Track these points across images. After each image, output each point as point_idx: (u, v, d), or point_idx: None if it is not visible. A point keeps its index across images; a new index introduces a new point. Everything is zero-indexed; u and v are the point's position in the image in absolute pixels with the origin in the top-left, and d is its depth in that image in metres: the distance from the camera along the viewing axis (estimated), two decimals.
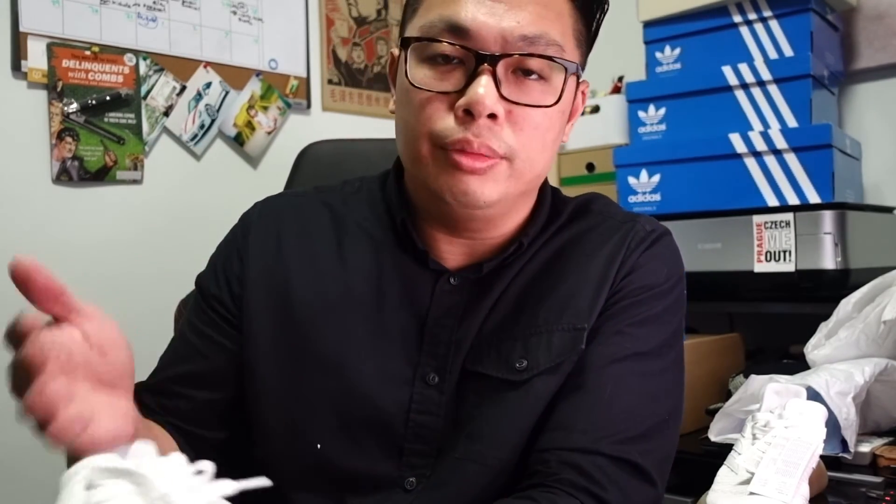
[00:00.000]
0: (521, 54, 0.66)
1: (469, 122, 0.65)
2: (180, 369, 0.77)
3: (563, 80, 0.68)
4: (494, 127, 0.66)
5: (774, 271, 1.40)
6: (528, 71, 0.67)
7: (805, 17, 1.51)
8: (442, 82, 0.67)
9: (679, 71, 1.65)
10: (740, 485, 0.89)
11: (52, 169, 1.57)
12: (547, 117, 0.68)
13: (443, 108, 0.67)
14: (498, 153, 0.66)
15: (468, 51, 0.65)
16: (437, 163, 0.68)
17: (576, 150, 1.90)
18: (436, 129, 0.67)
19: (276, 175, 1.38)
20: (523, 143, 0.67)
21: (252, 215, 0.82)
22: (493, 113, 0.65)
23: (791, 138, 1.44)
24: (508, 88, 0.66)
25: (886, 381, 1.14)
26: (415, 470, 0.72)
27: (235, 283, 0.77)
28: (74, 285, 1.74)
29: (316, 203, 0.81)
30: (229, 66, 1.85)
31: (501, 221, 0.74)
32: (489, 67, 0.65)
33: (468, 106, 0.64)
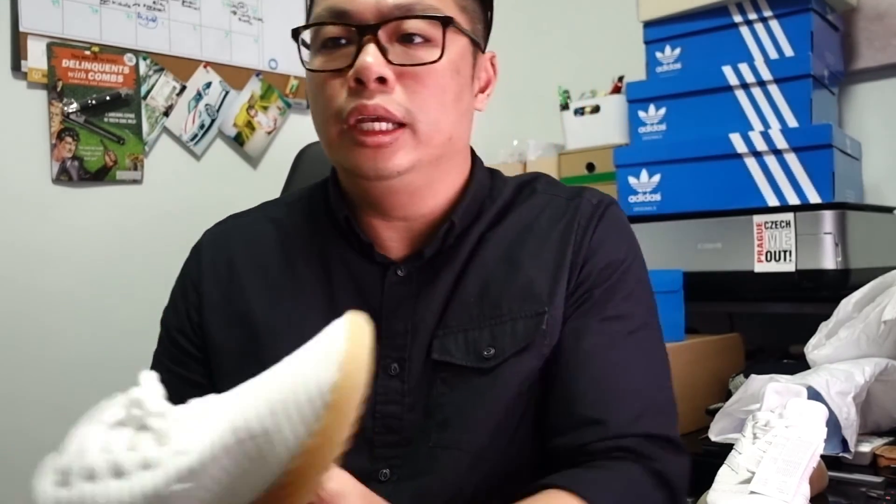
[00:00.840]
0: (398, 18, 0.69)
1: (361, 90, 0.68)
2: None
3: (442, 35, 0.70)
4: (386, 90, 0.69)
5: (774, 271, 1.40)
6: (410, 36, 0.70)
7: (805, 17, 1.52)
8: (334, 62, 0.71)
9: (679, 71, 1.65)
10: (741, 484, 0.89)
11: (51, 169, 1.57)
12: (438, 75, 0.71)
13: (338, 86, 0.70)
14: (396, 116, 0.69)
15: (349, 26, 0.69)
16: (344, 143, 0.71)
17: (576, 150, 1.90)
18: (336, 107, 0.70)
19: (276, 175, 1.38)
20: (419, 105, 0.70)
21: (202, 245, 0.84)
22: (382, 76, 0.68)
23: (791, 138, 1.44)
24: (394, 54, 0.69)
25: (887, 381, 1.14)
26: (387, 461, 0.73)
27: (194, 312, 0.79)
28: (74, 285, 1.74)
29: (261, 220, 0.84)
30: (229, 66, 1.85)
31: (426, 193, 0.76)
32: (372, 37, 0.68)
33: (357, 74, 0.68)
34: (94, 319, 1.61)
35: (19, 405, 1.51)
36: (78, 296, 1.60)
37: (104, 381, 1.58)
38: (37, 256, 1.55)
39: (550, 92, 2.07)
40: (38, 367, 1.54)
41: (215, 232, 0.85)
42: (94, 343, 1.60)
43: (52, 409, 1.55)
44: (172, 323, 0.81)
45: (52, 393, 1.55)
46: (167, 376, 0.76)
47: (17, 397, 1.51)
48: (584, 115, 1.89)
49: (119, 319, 1.63)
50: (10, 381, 1.51)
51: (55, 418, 1.55)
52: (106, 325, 1.62)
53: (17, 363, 1.52)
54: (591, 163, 1.85)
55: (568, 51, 2.27)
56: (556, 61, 2.30)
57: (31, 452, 1.61)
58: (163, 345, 0.82)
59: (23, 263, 1.53)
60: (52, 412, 1.55)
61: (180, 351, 0.80)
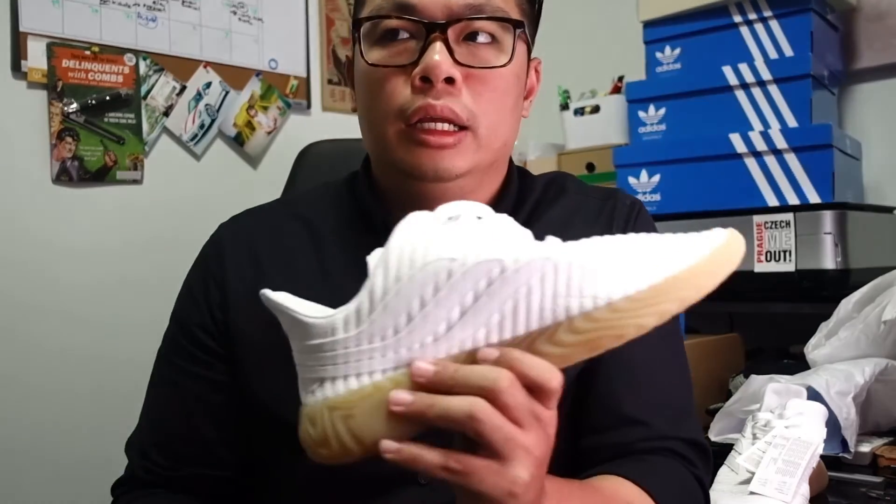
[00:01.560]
0: (469, 18, 0.67)
1: (428, 88, 0.66)
2: (178, 426, 0.76)
3: (512, 40, 0.69)
4: (454, 91, 0.66)
5: (774, 271, 1.40)
6: (478, 36, 0.68)
7: (805, 17, 1.52)
8: (397, 57, 0.68)
9: (679, 71, 1.65)
10: (740, 484, 0.89)
11: (52, 169, 1.57)
12: (503, 80, 0.69)
13: (400, 83, 0.67)
14: (461, 118, 0.67)
15: (417, 22, 0.66)
16: (403, 142, 0.68)
17: (576, 150, 1.90)
18: (397, 105, 0.67)
19: (276, 175, 1.38)
20: (483, 109, 0.68)
21: (223, 239, 0.80)
22: (450, 76, 0.65)
23: (791, 138, 1.44)
24: (461, 54, 0.67)
25: (886, 381, 1.14)
26: None
27: (217, 310, 0.75)
28: (74, 285, 1.74)
29: (286, 217, 0.80)
30: (229, 66, 1.85)
31: (472, 196, 0.74)
32: (440, 35, 0.66)
33: (424, 72, 0.65)
34: (94, 319, 1.61)
35: (19, 404, 1.51)
36: (78, 295, 1.60)
37: (104, 381, 1.59)
38: (37, 256, 1.55)
39: (550, 92, 2.07)
40: (38, 366, 1.54)
41: (235, 227, 0.81)
42: (94, 343, 1.60)
43: (51, 408, 1.55)
44: (194, 320, 0.76)
45: (52, 393, 1.55)
46: (181, 378, 0.76)
47: (17, 397, 1.51)
48: (584, 115, 1.89)
49: (119, 319, 1.63)
50: (10, 380, 1.51)
51: (55, 417, 1.55)
52: (106, 325, 1.62)
53: (16, 363, 1.52)
54: (590, 163, 1.85)
55: (568, 51, 2.27)
56: (556, 61, 2.30)
57: (30, 448, 1.61)
58: (177, 345, 0.77)
59: (23, 263, 1.53)
60: (51, 411, 1.55)
61: (202, 349, 0.76)
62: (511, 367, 0.46)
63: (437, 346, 0.47)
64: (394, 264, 0.48)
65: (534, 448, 0.47)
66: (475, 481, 0.46)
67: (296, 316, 0.49)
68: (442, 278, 0.47)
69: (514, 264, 0.47)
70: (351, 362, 0.48)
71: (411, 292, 0.47)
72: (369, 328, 0.47)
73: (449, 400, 0.46)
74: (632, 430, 0.71)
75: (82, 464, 1.53)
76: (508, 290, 0.47)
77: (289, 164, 1.35)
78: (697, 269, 0.49)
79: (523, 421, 0.47)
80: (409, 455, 0.47)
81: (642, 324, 0.48)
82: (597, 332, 0.47)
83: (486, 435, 0.45)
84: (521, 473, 0.46)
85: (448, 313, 0.47)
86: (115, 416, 0.81)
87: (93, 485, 0.81)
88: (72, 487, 1.52)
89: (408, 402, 0.46)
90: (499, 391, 0.45)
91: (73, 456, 1.55)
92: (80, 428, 1.57)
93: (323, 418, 0.48)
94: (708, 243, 0.50)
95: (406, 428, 0.47)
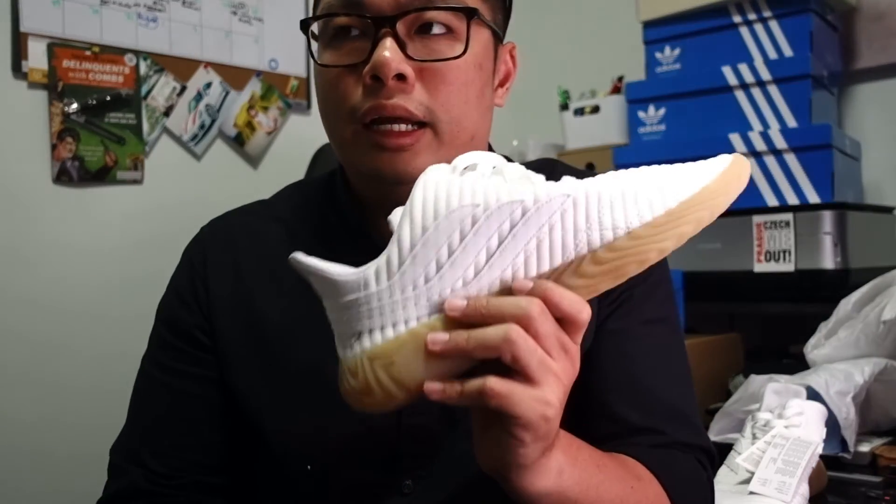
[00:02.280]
0: (418, 9, 0.64)
1: (379, 87, 0.63)
2: (180, 432, 0.75)
3: (466, 27, 0.65)
4: (406, 88, 0.63)
5: (774, 271, 1.40)
6: (431, 27, 0.65)
7: (805, 17, 1.52)
8: (347, 56, 0.65)
9: (679, 71, 1.65)
10: (740, 484, 0.89)
11: (52, 169, 1.57)
12: (461, 71, 0.66)
13: (352, 83, 0.65)
14: (416, 115, 0.64)
15: (365, 18, 0.64)
16: (360, 144, 0.66)
17: (576, 150, 1.90)
18: (350, 105, 0.65)
19: (277, 175, 1.39)
20: (441, 103, 0.65)
21: (205, 240, 0.79)
22: (401, 73, 0.62)
23: (791, 138, 1.44)
24: (414, 48, 0.64)
25: (886, 381, 1.14)
26: (411, 473, 0.71)
27: (204, 307, 0.75)
28: (75, 285, 1.74)
29: (266, 220, 0.79)
30: (229, 67, 1.85)
31: None
32: (388, 29, 0.63)
33: (373, 70, 0.62)
34: (94, 319, 1.61)
35: (18, 404, 1.52)
36: (78, 296, 1.60)
37: (104, 381, 1.59)
38: (37, 257, 1.56)
39: (550, 92, 2.07)
40: (38, 366, 1.54)
41: (216, 229, 0.81)
42: (94, 342, 1.61)
43: (51, 407, 1.55)
44: (189, 321, 0.75)
45: (51, 392, 1.55)
46: (180, 382, 0.74)
47: (17, 396, 1.51)
48: (584, 115, 1.89)
49: (120, 319, 1.63)
50: (10, 379, 1.51)
51: (54, 417, 1.55)
52: (106, 325, 1.62)
53: (16, 362, 1.52)
54: (590, 163, 1.85)
55: (568, 51, 2.27)
56: (556, 61, 2.30)
57: (29, 448, 1.61)
58: (172, 348, 0.76)
59: (23, 263, 1.54)
60: (51, 411, 1.55)
61: (201, 349, 0.75)
62: (544, 297, 0.48)
63: (467, 289, 0.49)
64: (418, 215, 0.50)
65: (563, 375, 0.49)
66: (513, 402, 0.47)
67: (328, 276, 0.51)
68: (467, 224, 0.49)
69: (535, 204, 0.49)
70: (386, 313, 0.50)
71: (438, 241, 0.49)
72: (400, 279, 0.49)
73: (484, 329, 0.47)
74: (642, 437, 0.70)
75: (83, 462, 1.53)
76: (531, 229, 0.49)
77: (289, 165, 1.36)
78: (709, 190, 0.51)
79: (552, 350, 0.48)
80: (453, 392, 0.48)
81: (663, 247, 0.50)
82: (620, 259, 0.49)
83: (521, 358, 0.47)
84: (553, 398, 0.48)
85: (475, 257, 0.49)
86: (115, 416, 0.81)
87: (93, 482, 0.81)
88: (73, 484, 1.52)
89: (444, 341, 0.48)
90: (530, 318, 0.47)
91: (70, 455, 1.55)
92: (80, 428, 1.57)
93: (364, 369, 0.50)
94: (716, 167, 0.52)
95: (445, 367, 0.49)
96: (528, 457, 0.50)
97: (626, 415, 0.71)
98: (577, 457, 0.57)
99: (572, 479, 0.55)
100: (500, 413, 0.48)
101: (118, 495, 0.74)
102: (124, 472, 0.74)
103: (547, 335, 0.48)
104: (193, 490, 0.74)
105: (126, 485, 0.74)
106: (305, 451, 0.71)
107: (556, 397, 0.48)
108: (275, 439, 0.72)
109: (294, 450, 0.72)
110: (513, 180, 0.51)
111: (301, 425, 0.71)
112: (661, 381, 0.74)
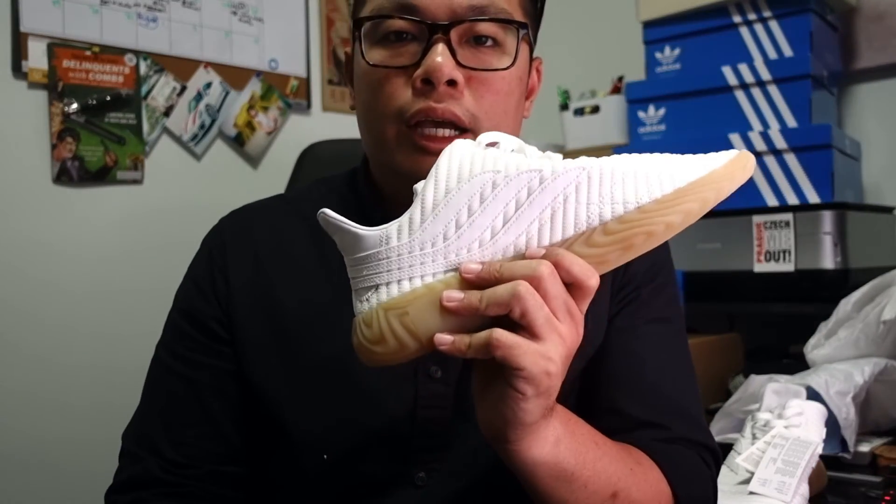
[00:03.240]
0: (472, 19, 0.66)
1: (429, 91, 0.65)
2: (196, 422, 0.75)
3: (516, 42, 0.68)
4: (455, 94, 0.65)
5: (774, 271, 1.40)
6: (481, 38, 0.67)
7: (805, 17, 1.52)
8: (398, 58, 0.67)
9: (679, 71, 1.65)
10: (740, 484, 0.89)
11: (52, 169, 1.57)
12: (506, 82, 0.68)
13: (401, 84, 0.67)
14: (463, 121, 0.66)
15: (420, 23, 0.66)
16: (402, 145, 0.67)
17: (576, 150, 1.90)
18: (397, 106, 0.66)
19: (277, 175, 1.39)
20: (486, 110, 0.67)
21: (224, 232, 0.80)
22: (453, 79, 0.65)
23: (791, 138, 1.44)
24: (464, 56, 0.66)
25: (886, 381, 1.14)
26: (424, 465, 0.72)
27: (223, 299, 0.76)
28: (75, 286, 1.74)
29: (287, 214, 0.80)
30: (229, 67, 1.85)
31: None
32: (443, 36, 0.65)
33: (426, 74, 0.64)
34: (94, 319, 1.61)
35: (18, 404, 1.51)
36: (78, 296, 1.60)
37: (104, 381, 1.59)
38: (37, 257, 1.55)
39: (550, 92, 2.07)
40: (37, 366, 1.54)
41: (236, 221, 0.81)
42: (94, 342, 1.61)
43: (50, 407, 1.55)
44: (207, 312, 0.76)
45: (51, 392, 1.55)
46: (197, 372, 0.75)
47: (16, 396, 1.51)
48: (584, 115, 1.89)
49: (119, 319, 1.63)
50: (10, 379, 1.51)
51: (54, 416, 1.55)
52: (106, 325, 1.62)
53: (16, 362, 1.52)
54: None
55: (568, 51, 2.27)
56: (556, 61, 2.30)
57: (29, 448, 1.61)
58: (189, 338, 0.76)
59: (23, 264, 1.54)
60: (50, 411, 1.55)
61: (217, 340, 0.75)
62: (555, 261, 0.51)
63: (482, 251, 0.52)
64: (443, 179, 0.53)
65: (566, 337, 0.51)
66: (518, 354, 0.49)
67: (352, 230, 0.53)
68: (487, 188, 0.52)
69: (552, 174, 0.52)
70: (404, 267, 0.52)
71: (460, 202, 0.52)
72: (421, 236, 0.52)
73: (495, 288, 0.50)
74: (648, 432, 0.71)
75: (80, 471, 1.53)
76: (547, 198, 0.52)
77: (289, 164, 1.36)
78: (716, 174, 0.55)
79: (559, 311, 0.50)
80: (462, 344, 0.50)
81: (670, 221, 0.52)
82: (630, 230, 0.52)
83: (529, 312, 0.49)
84: (556, 355, 0.50)
85: (493, 221, 0.52)
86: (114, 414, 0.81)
87: (89, 493, 0.80)
88: (68, 495, 1.52)
89: (459, 299, 0.50)
90: (541, 278, 0.49)
91: (75, 461, 1.55)
92: (78, 429, 1.57)
93: (378, 319, 0.52)
94: (722, 156, 0.56)
95: (457, 322, 0.51)
96: (528, 412, 0.51)
97: (630, 409, 0.72)
98: (574, 430, 0.58)
99: (569, 450, 0.56)
100: (504, 366, 0.49)
101: (132, 482, 0.74)
102: (138, 458, 0.74)
103: (555, 296, 0.50)
104: (209, 480, 0.75)
105: (140, 472, 0.74)
106: (322, 442, 0.72)
107: (558, 355, 0.50)
108: (292, 429, 0.73)
109: (311, 440, 0.72)
110: (532, 156, 0.54)
111: (319, 416, 0.72)
112: (667, 378, 0.75)
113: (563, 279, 0.50)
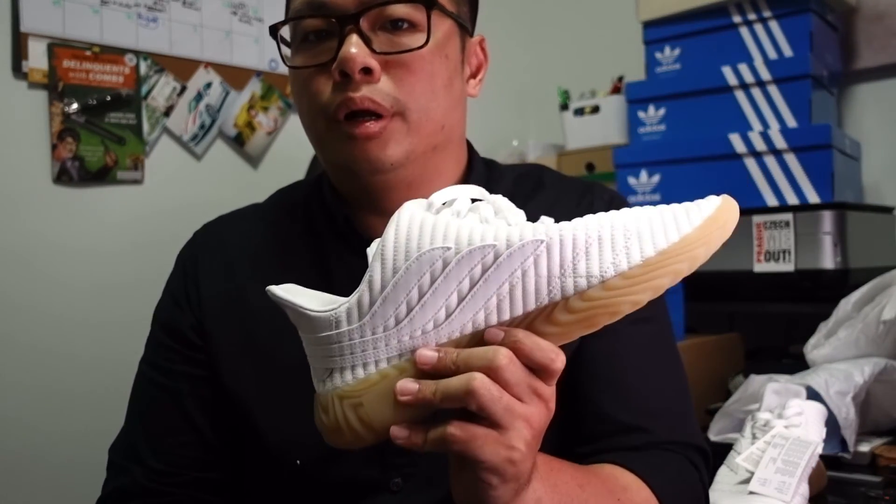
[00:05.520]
0: (378, 4, 0.66)
1: (346, 83, 0.66)
2: (177, 430, 0.76)
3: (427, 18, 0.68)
4: (372, 80, 0.66)
5: (774, 271, 1.40)
6: (397, 23, 0.67)
7: (804, 17, 1.52)
8: (318, 56, 0.68)
9: (679, 71, 1.65)
10: (740, 484, 0.89)
11: (52, 169, 1.57)
12: (426, 61, 0.68)
13: (324, 81, 0.68)
14: (384, 106, 0.66)
15: (328, 18, 0.67)
16: (334, 138, 0.69)
17: (576, 150, 1.90)
18: (322, 102, 0.68)
19: (277, 175, 1.39)
20: (408, 92, 0.67)
21: (196, 245, 0.82)
22: (366, 67, 0.65)
23: (791, 138, 1.44)
24: (378, 43, 0.67)
25: (886, 381, 1.14)
26: (400, 470, 0.71)
27: (196, 308, 0.77)
28: (75, 286, 1.74)
29: (256, 222, 0.82)
30: (230, 67, 1.85)
31: (423, 187, 0.72)
32: (352, 26, 0.66)
33: (341, 66, 0.65)
34: (94, 319, 1.61)
35: (18, 403, 1.51)
36: (78, 296, 1.60)
37: (104, 381, 1.59)
38: (37, 257, 1.55)
39: (550, 92, 2.07)
40: (37, 366, 1.54)
41: (208, 232, 0.83)
42: (93, 342, 1.61)
43: (50, 407, 1.55)
44: (183, 322, 0.77)
45: (51, 392, 1.55)
46: (178, 383, 0.76)
47: (16, 396, 1.51)
48: (584, 115, 1.89)
49: (119, 319, 1.63)
50: (9, 379, 1.51)
51: (54, 416, 1.55)
52: (106, 325, 1.62)
53: (16, 362, 1.52)
54: (590, 163, 1.85)
55: (568, 51, 2.27)
56: (556, 61, 2.30)
57: (28, 446, 1.61)
58: (169, 350, 0.78)
59: (24, 264, 1.54)
60: (50, 411, 1.55)
61: (196, 350, 0.77)
62: (515, 348, 0.48)
63: (438, 332, 0.49)
64: (390, 256, 0.49)
65: (533, 419, 0.49)
66: (476, 447, 0.48)
67: (301, 311, 0.51)
68: (437, 268, 0.48)
69: (507, 249, 0.48)
70: (357, 353, 0.50)
71: (409, 283, 0.49)
72: (371, 320, 0.49)
73: (449, 380, 0.48)
74: (630, 437, 0.71)
75: (81, 465, 1.53)
76: (503, 274, 0.48)
77: (289, 165, 1.36)
78: (690, 239, 0.49)
79: (523, 395, 0.48)
80: (417, 439, 0.49)
81: (637, 300, 0.49)
82: (593, 310, 0.48)
83: (485, 406, 0.47)
84: (519, 443, 0.48)
85: (446, 301, 0.49)
86: (114, 416, 0.81)
87: (89, 486, 0.81)
88: (69, 489, 1.52)
89: (413, 391, 0.48)
90: (498, 369, 0.47)
91: (74, 457, 1.55)
92: (79, 430, 1.57)
93: (334, 407, 0.50)
94: (699, 213, 0.50)
95: (413, 412, 0.49)
96: (499, 499, 0.50)
97: (613, 413, 0.72)
98: (556, 482, 0.57)
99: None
100: (465, 458, 0.48)
101: (118, 492, 0.75)
102: (123, 469, 0.76)
103: (517, 383, 0.48)
104: (193, 487, 0.75)
105: (125, 482, 0.75)
106: (295, 447, 0.72)
107: (522, 442, 0.48)
108: (265, 435, 0.74)
109: (284, 445, 0.73)
110: (488, 220, 0.51)
111: (291, 421, 0.71)
112: (650, 380, 0.74)
113: (525, 365, 0.48)
